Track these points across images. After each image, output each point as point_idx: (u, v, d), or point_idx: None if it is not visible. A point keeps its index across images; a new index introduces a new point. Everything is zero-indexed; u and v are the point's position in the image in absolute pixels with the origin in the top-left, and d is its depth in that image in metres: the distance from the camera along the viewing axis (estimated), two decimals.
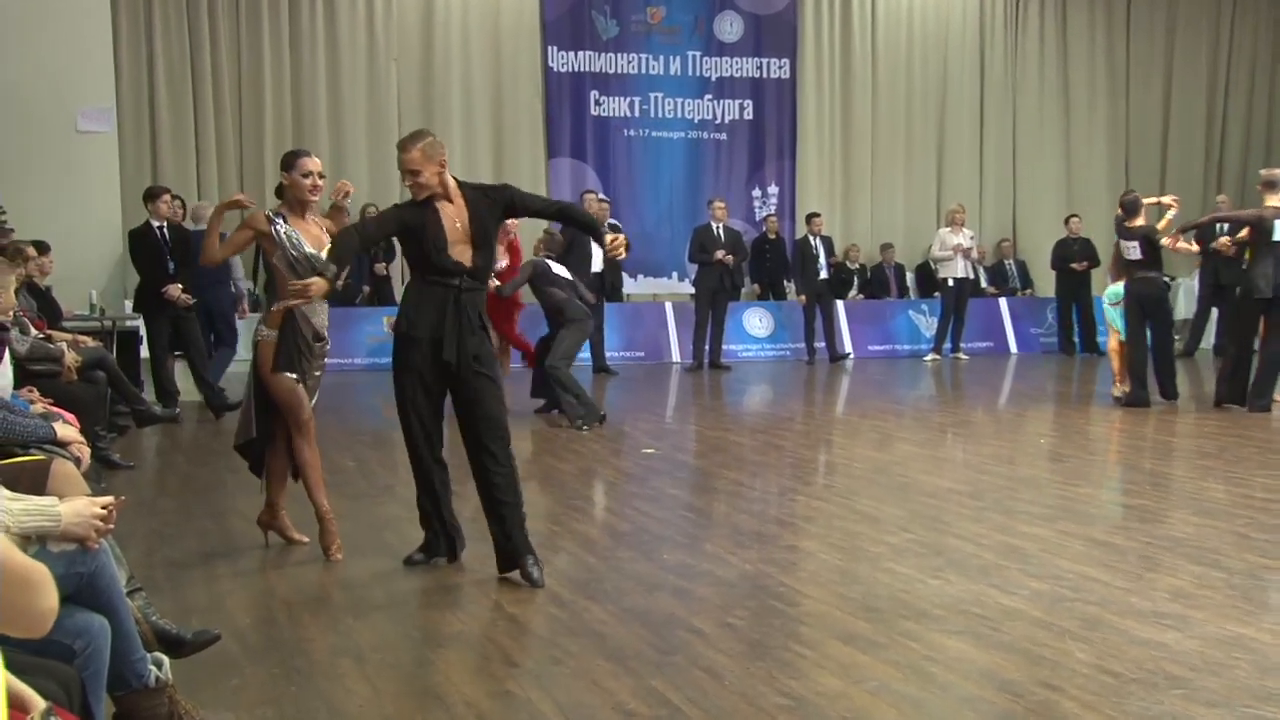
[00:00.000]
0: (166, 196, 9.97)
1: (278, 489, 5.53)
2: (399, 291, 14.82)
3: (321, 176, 5.38)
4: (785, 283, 15.52)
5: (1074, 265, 15.22)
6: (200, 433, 9.25)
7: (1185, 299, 16.58)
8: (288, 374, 5.25)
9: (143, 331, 10.41)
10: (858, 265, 15.99)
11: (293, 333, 5.24)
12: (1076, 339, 15.37)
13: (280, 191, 5.44)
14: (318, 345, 5.36)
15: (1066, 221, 15.76)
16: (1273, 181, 9.93)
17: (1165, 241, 10.17)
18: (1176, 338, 15.87)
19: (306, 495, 5.43)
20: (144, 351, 10.42)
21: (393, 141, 15.04)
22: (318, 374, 5.43)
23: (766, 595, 4.66)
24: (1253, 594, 4.63)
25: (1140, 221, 10.16)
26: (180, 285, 9.66)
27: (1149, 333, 10.11)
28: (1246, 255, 10.17)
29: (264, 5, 14.59)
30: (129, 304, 11.66)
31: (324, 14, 14.86)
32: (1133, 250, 10.07)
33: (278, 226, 5.24)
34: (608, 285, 13.56)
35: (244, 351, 10.95)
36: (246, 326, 13.38)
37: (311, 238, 5.30)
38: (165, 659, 3.29)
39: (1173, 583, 4.78)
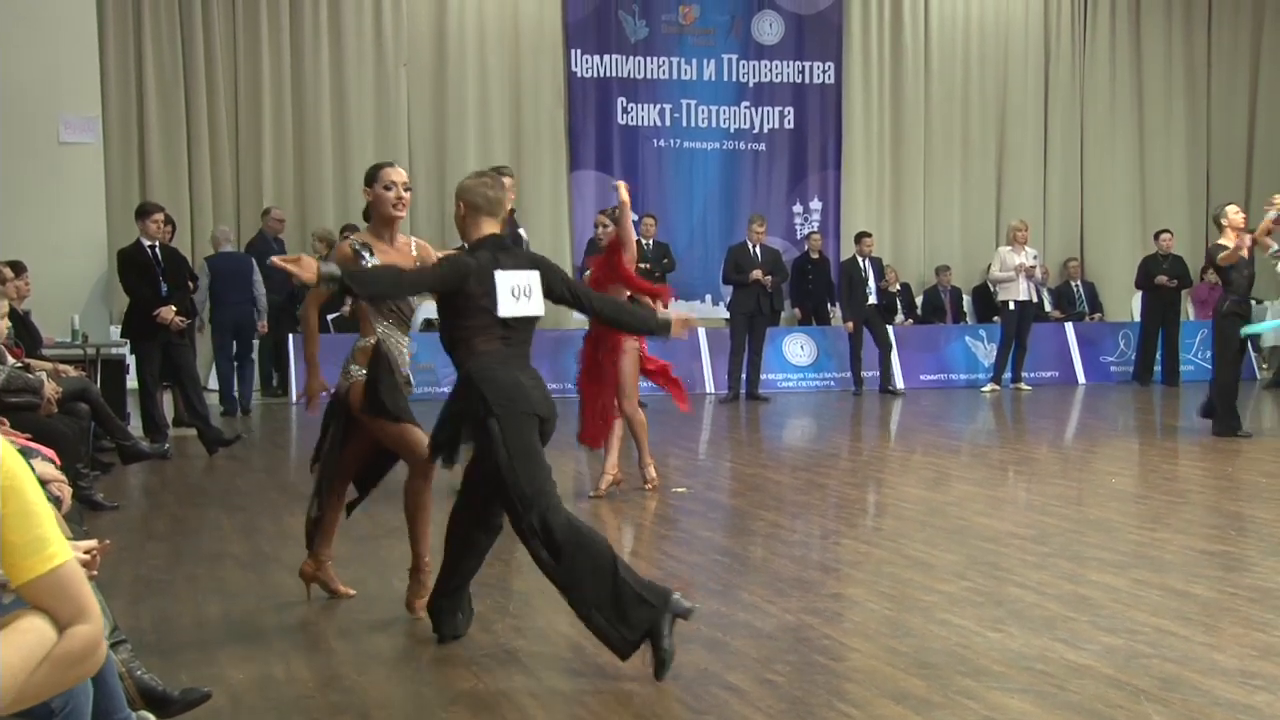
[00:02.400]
0: (159, 215, 10.06)
1: (327, 538, 5.46)
2: None
3: (407, 189, 5.24)
4: (829, 306, 15.50)
5: (1161, 279, 15.06)
6: (191, 470, 9.31)
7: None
8: (389, 417, 5.15)
9: (130, 360, 10.50)
10: (898, 287, 15.93)
11: (386, 370, 5.13)
12: (1158, 368, 15.21)
13: (367, 213, 5.31)
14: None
15: (1156, 237, 15.67)
16: None
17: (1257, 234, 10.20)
18: (1265, 366, 15.79)
19: (410, 539, 5.35)
20: (131, 381, 10.50)
21: (402, 154, 15.28)
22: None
23: (809, 649, 4.63)
24: None
25: (1222, 240, 10.18)
26: (174, 307, 9.73)
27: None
28: None
29: (263, 7, 14.77)
30: (115, 330, 11.78)
31: (328, 17, 15.03)
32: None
33: (365, 260, 5.08)
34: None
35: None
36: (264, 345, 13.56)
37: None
38: (151, 718, 3.30)
39: (1261, 638, 4.72)
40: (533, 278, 4.65)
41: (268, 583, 5.75)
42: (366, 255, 5.10)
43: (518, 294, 4.59)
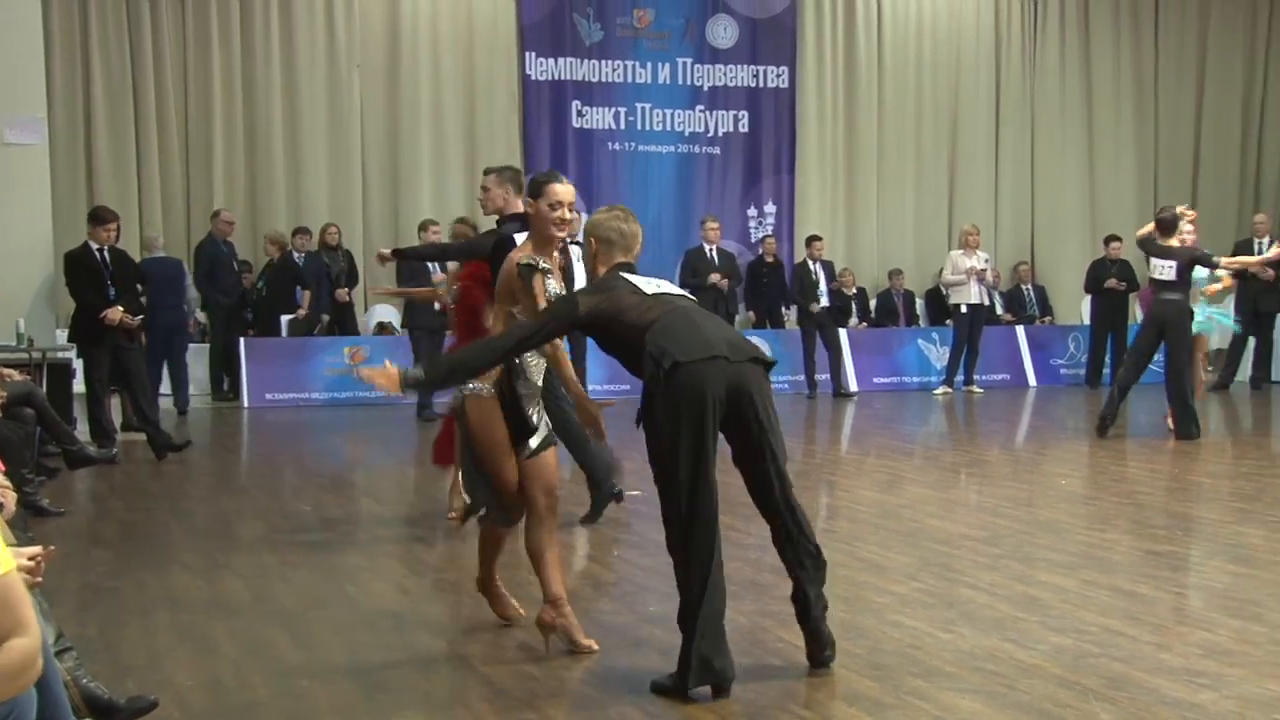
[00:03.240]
0: (114, 225, 9.87)
1: (491, 554, 5.06)
2: (361, 320, 14.88)
3: (572, 209, 4.77)
4: (783, 310, 15.57)
5: (1110, 282, 15.26)
6: (139, 475, 9.21)
7: (1220, 328, 16.66)
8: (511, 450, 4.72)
9: (76, 364, 10.37)
10: (853, 291, 16.01)
11: (512, 391, 4.72)
12: (1108, 370, 15.38)
13: (526, 222, 5.00)
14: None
15: (1106, 243, 15.84)
16: None
17: (1224, 262, 10.65)
18: (1210, 369, 16.01)
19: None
20: (78, 386, 10.38)
21: (355, 156, 15.20)
22: (544, 439, 4.78)
23: (763, 651, 4.65)
24: None
25: (1176, 241, 10.29)
26: (121, 308, 9.61)
27: (1164, 359, 10.46)
28: None
29: (213, 9, 14.64)
30: (61, 334, 11.64)
31: (279, 18, 14.92)
32: (1167, 270, 10.23)
33: (549, 286, 4.72)
34: None
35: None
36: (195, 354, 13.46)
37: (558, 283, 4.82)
38: None
39: (1207, 637, 4.79)
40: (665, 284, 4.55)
41: (217, 589, 5.70)
42: (551, 282, 4.71)
43: (653, 287, 4.45)
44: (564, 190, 4.74)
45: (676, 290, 4.54)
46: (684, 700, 4.11)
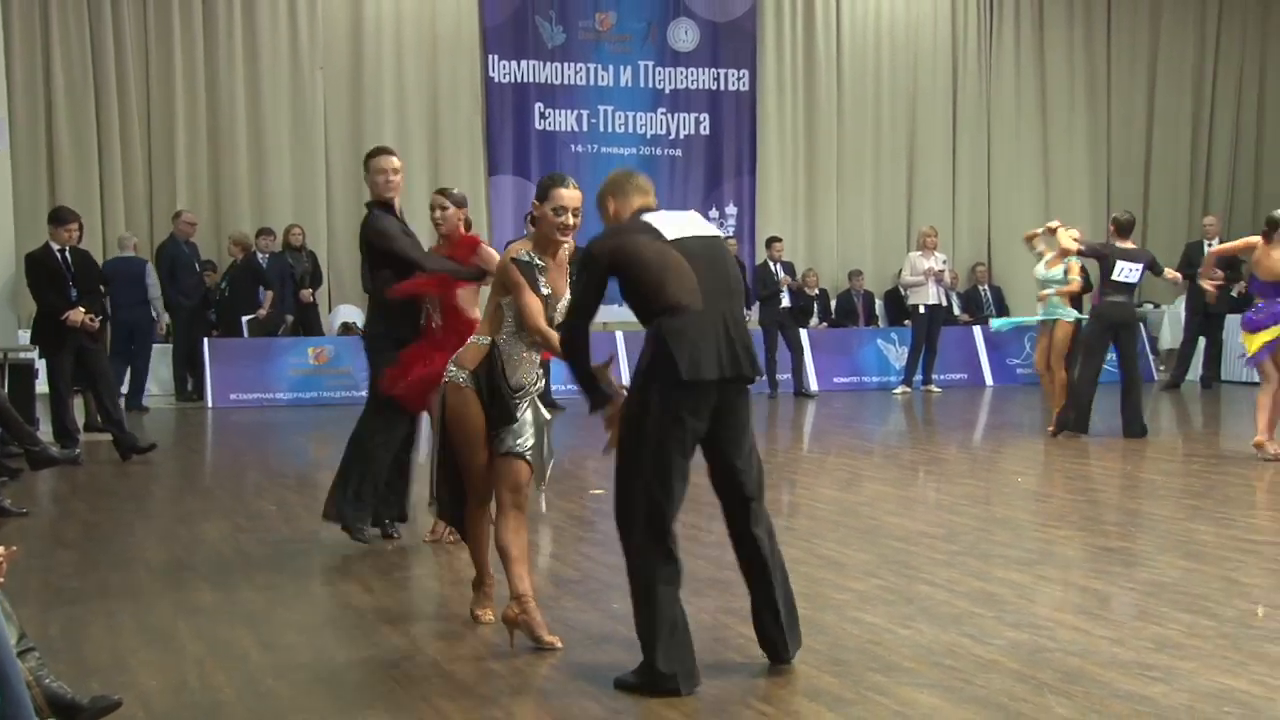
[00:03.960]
0: (74, 226, 9.78)
1: (482, 554, 5.02)
2: (325, 320, 14.80)
3: (578, 214, 4.73)
4: (745, 310, 15.57)
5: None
6: (103, 475, 9.12)
7: (1171, 328, 16.86)
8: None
9: (39, 365, 10.27)
10: (817, 291, 16.08)
11: (491, 383, 4.74)
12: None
13: (534, 220, 4.95)
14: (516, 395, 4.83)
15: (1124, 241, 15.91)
16: None
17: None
18: (1163, 368, 16.18)
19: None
20: (40, 386, 10.27)
21: (319, 157, 15.12)
22: (520, 441, 4.80)
23: (724, 648, 4.66)
24: (1244, 643, 4.69)
25: (1130, 244, 10.38)
26: (83, 309, 9.51)
27: (1119, 360, 10.65)
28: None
29: (175, 10, 14.53)
30: (23, 334, 11.52)
31: (242, 21, 14.82)
32: (1133, 273, 10.30)
33: (542, 289, 4.73)
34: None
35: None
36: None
37: (556, 286, 4.81)
38: None
39: (1159, 632, 4.84)
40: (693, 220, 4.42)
41: (182, 589, 5.66)
42: (542, 281, 4.73)
43: (674, 229, 4.31)
44: (569, 195, 4.69)
45: (699, 229, 4.40)
46: (647, 695, 4.11)
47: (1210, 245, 15.15)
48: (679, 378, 4.15)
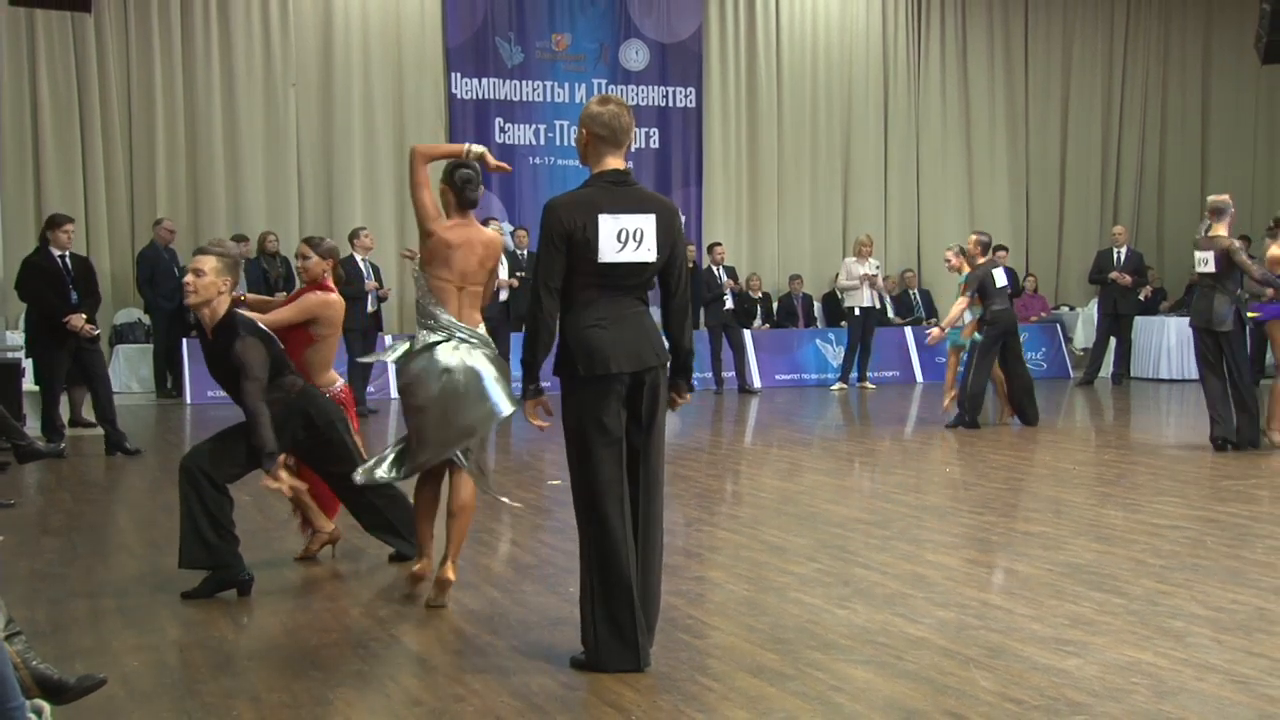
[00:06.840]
0: (70, 226, 9.64)
1: (424, 531, 5.23)
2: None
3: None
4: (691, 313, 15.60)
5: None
6: (87, 468, 8.99)
7: (1084, 328, 17.07)
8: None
9: (25, 363, 10.11)
10: (760, 294, 16.13)
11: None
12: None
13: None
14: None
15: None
16: (1219, 208, 9.21)
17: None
18: (1076, 367, 16.37)
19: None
20: (27, 384, 10.11)
21: (292, 169, 14.98)
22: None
23: (674, 628, 4.67)
24: (1150, 619, 4.76)
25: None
26: (84, 315, 9.37)
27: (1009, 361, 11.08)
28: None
29: (155, 28, 14.33)
30: (10, 335, 11.34)
31: (219, 38, 14.66)
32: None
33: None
34: (513, 315, 13.53)
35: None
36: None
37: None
38: (46, 706, 3.20)
39: (1073, 609, 4.90)
40: (647, 222, 4.11)
41: (163, 575, 5.59)
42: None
43: (624, 239, 4.03)
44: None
45: (640, 255, 4.11)
46: (600, 672, 4.11)
47: (1119, 252, 15.37)
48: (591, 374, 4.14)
